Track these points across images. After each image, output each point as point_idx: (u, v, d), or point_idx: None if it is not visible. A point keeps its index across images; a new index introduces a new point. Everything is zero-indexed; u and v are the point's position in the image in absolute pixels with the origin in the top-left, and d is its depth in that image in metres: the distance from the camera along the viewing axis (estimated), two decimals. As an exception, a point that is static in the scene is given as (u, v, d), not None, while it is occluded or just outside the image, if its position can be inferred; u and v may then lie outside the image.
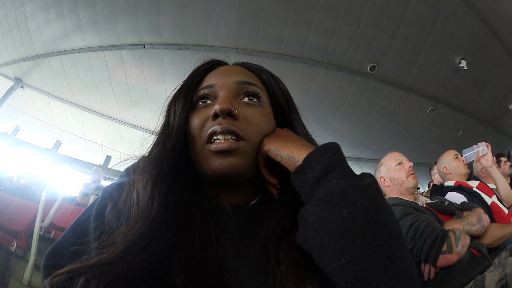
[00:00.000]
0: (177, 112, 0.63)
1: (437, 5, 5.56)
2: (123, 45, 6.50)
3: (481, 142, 2.42)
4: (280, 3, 5.44)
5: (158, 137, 0.63)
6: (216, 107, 0.57)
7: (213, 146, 0.57)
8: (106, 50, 6.73)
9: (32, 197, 5.11)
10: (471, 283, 1.50)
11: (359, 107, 7.36)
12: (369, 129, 8.07)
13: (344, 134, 8.35)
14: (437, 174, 3.45)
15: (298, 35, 5.88)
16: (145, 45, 6.38)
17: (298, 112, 0.72)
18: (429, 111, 7.56)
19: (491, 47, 6.32)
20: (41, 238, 3.77)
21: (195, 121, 0.61)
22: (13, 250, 3.75)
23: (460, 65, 6.35)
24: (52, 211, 3.99)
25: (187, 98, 0.64)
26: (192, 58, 6.05)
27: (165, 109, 0.66)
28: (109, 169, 8.96)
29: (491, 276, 1.44)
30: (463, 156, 2.48)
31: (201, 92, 0.63)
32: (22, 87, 8.67)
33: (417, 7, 5.54)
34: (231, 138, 0.57)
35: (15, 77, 8.46)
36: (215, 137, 0.57)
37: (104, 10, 5.97)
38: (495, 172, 2.40)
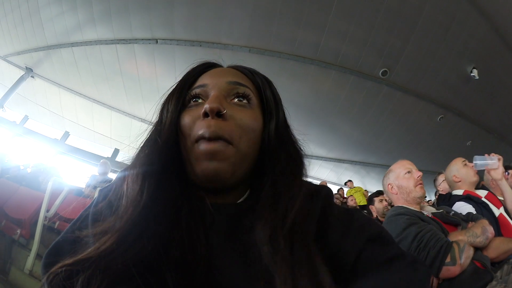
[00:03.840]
0: (169, 109, 0.64)
1: (451, 13, 5.51)
2: (136, 39, 6.55)
3: (494, 154, 2.38)
4: (294, 3, 5.43)
5: (150, 134, 0.64)
6: (206, 106, 0.58)
7: (201, 146, 0.58)
8: (118, 43, 6.78)
9: (38, 187, 5.13)
10: None
11: (369, 111, 7.33)
12: (378, 134, 8.05)
13: (353, 138, 8.34)
14: (442, 184, 3.39)
15: (312, 36, 5.87)
16: (158, 40, 6.41)
17: (284, 113, 0.73)
18: (439, 119, 7.51)
19: (503, 58, 6.24)
20: (45, 228, 3.76)
21: (186, 119, 0.62)
22: (16, 238, 3.76)
23: (472, 74, 6.28)
24: (57, 202, 3.99)
25: (180, 97, 0.65)
26: (204, 55, 6.04)
27: (159, 107, 0.68)
28: (117, 162, 9.02)
29: None
30: (474, 162, 2.44)
31: (194, 92, 0.65)
32: (32, 77, 8.78)
33: (431, 14, 5.49)
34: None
35: (26, 67, 8.56)
36: (202, 140, 0.58)
37: (118, 4, 6.02)
38: (505, 186, 2.37)
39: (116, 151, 10.06)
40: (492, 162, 2.31)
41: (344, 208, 0.66)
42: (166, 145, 0.60)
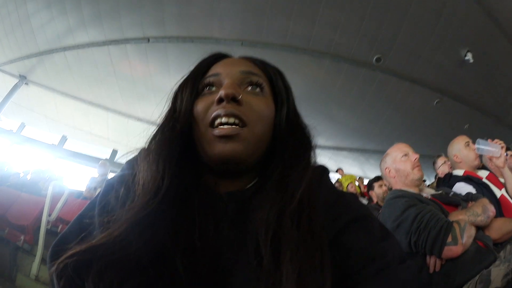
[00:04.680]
0: (184, 98, 0.64)
1: (442, -2, 5.47)
2: (128, 39, 6.53)
3: (498, 141, 2.34)
4: (285, -6, 5.39)
5: (162, 123, 0.65)
6: (221, 92, 0.59)
7: (216, 131, 0.58)
8: (110, 45, 6.77)
9: (39, 192, 5.15)
10: (477, 277, 1.46)
11: (365, 99, 7.32)
12: (375, 121, 8.03)
13: (350, 126, 8.33)
14: (442, 167, 3.38)
15: (303, 27, 5.84)
16: (150, 39, 6.40)
17: (294, 103, 0.74)
18: (435, 103, 7.46)
19: (496, 41, 6.17)
20: (48, 232, 3.76)
21: (200, 105, 0.63)
22: (20, 245, 3.76)
23: (466, 58, 6.22)
24: (59, 205, 3.99)
25: (193, 86, 0.66)
26: (197, 51, 6.06)
27: (171, 96, 0.68)
28: (116, 162, 9.04)
29: (497, 271, 1.41)
30: (477, 145, 2.39)
31: (207, 80, 0.66)
32: (26, 84, 8.75)
33: (422, 0, 5.46)
34: (234, 122, 0.58)
35: (20, 75, 8.54)
36: (218, 120, 0.59)
37: (108, 5, 5.98)
38: (507, 173, 2.33)
39: (115, 152, 10.10)
40: (494, 150, 2.26)
41: (334, 189, 0.67)
42: (183, 132, 0.61)
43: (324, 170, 0.69)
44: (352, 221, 0.57)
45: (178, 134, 0.60)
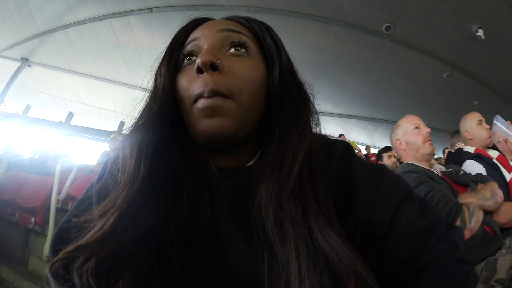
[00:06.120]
0: (162, 73, 0.59)
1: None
2: (130, 11, 6.45)
3: None
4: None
5: (146, 102, 0.60)
6: (198, 60, 0.52)
7: (199, 104, 0.52)
8: (112, 18, 6.71)
9: (48, 172, 5.14)
10: (483, 263, 1.47)
11: (374, 67, 7.24)
12: (384, 90, 7.97)
13: (359, 94, 8.28)
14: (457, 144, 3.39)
15: (311, -9, 5.71)
16: (152, 9, 6.32)
17: (288, 58, 0.65)
18: (445, 76, 7.42)
19: (508, 20, 6.09)
20: (59, 211, 3.75)
21: (182, 80, 0.57)
22: (31, 227, 3.75)
23: (477, 33, 6.15)
24: (67, 183, 4.00)
25: (171, 57, 0.60)
26: (202, 19, 6.01)
27: (153, 74, 0.62)
28: (125, 134, 9.10)
29: (502, 261, 1.43)
30: (495, 121, 2.36)
31: (186, 49, 0.59)
32: (29, 65, 8.75)
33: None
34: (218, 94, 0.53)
35: (21, 58, 8.53)
36: (202, 100, 0.53)
37: (108, -23, 5.89)
38: None
39: (122, 124, 10.08)
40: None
41: (370, 165, 0.62)
42: (162, 111, 0.56)
43: (348, 148, 0.63)
44: (402, 200, 0.55)
45: (155, 114, 0.55)
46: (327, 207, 0.48)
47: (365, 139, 10.28)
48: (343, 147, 0.61)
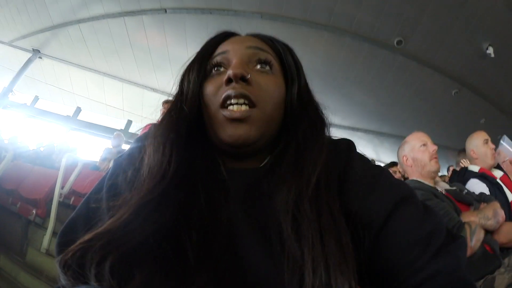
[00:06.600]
0: (191, 80, 0.64)
1: (467, -14, 5.32)
2: (144, 10, 6.48)
3: None
4: (308, -34, 5.27)
5: (170, 106, 0.64)
6: (230, 72, 0.58)
7: (226, 113, 0.57)
8: (126, 16, 6.74)
9: (52, 165, 5.15)
10: (481, 281, 1.50)
11: (384, 81, 7.21)
12: (392, 105, 7.93)
13: (367, 107, 8.24)
14: (462, 162, 3.37)
15: (325, 1, 5.71)
16: (167, 10, 6.34)
17: (306, 79, 0.72)
18: (454, 94, 7.35)
19: None
20: (61, 204, 3.79)
21: (209, 87, 0.62)
22: (32, 219, 3.78)
23: (487, 51, 6.09)
24: (72, 177, 4.02)
25: (200, 66, 0.65)
26: (215, 23, 6.05)
27: (178, 79, 0.68)
28: (131, 133, 9.13)
29: (501, 279, 1.46)
30: (502, 142, 2.37)
31: (215, 60, 0.64)
32: (40, 57, 8.82)
33: (447, -15, 5.30)
34: (244, 103, 0.58)
35: (33, 49, 8.58)
36: (229, 101, 0.58)
37: (124, -24, 5.92)
38: None
39: (129, 123, 10.23)
40: None
41: (371, 163, 0.64)
42: (191, 114, 0.60)
43: (350, 144, 0.67)
44: (399, 202, 0.55)
45: (185, 116, 0.60)
46: (339, 213, 0.51)
47: (370, 153, 10.23)
48: (345, 144, 0.66)
